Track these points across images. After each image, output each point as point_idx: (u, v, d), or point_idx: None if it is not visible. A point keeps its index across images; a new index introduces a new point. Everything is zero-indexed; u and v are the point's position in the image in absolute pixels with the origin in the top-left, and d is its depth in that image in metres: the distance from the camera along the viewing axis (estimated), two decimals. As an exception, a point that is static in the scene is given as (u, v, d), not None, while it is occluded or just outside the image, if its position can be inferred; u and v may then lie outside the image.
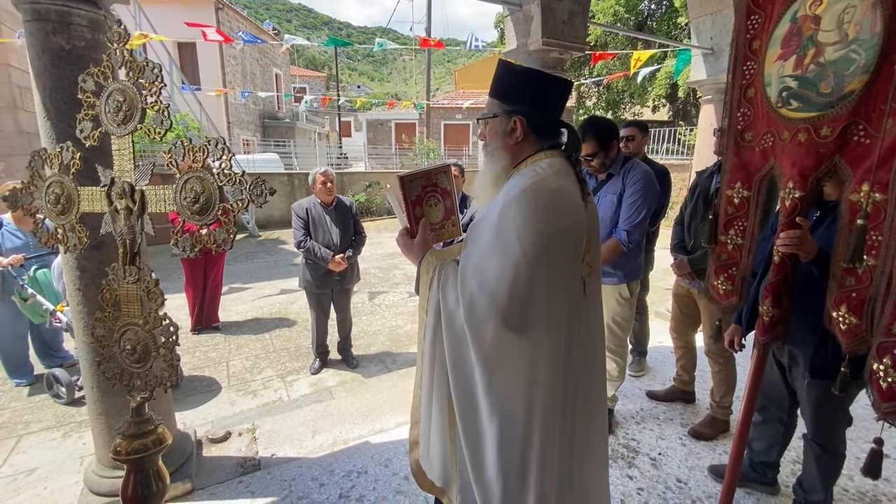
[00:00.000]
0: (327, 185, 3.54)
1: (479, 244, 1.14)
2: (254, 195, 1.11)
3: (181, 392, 3.40)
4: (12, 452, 2.70)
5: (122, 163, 1.32)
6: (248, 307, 5.41)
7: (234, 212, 1.17)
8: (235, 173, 1.14)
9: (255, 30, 20.29)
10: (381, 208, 12.52)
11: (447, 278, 1.20)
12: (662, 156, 12.77)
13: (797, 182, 1.40)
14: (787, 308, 1.55)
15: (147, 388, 1.36)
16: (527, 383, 1.14)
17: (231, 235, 1.19)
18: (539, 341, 1.13)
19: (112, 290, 1.37)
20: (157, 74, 1.22)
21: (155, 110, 1.23)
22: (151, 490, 1.41)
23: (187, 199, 1.20)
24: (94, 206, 1.38)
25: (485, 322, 1.10)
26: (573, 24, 3.23)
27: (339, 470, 2.44)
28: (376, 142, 22.56)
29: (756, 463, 2.23)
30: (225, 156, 1.14)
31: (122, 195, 1.31)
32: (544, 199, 1.09)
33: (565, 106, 1.30)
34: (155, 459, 1.43)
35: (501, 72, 1.26)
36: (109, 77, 1.29)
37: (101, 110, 1.31)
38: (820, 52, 1.31)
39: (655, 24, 16.89)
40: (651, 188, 2.42)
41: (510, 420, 1.15)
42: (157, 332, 1.32)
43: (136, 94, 1.25)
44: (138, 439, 1.38)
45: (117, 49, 1.27)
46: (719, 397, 2.70)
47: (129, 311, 1.35)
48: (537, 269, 1.07)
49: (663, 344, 3.99)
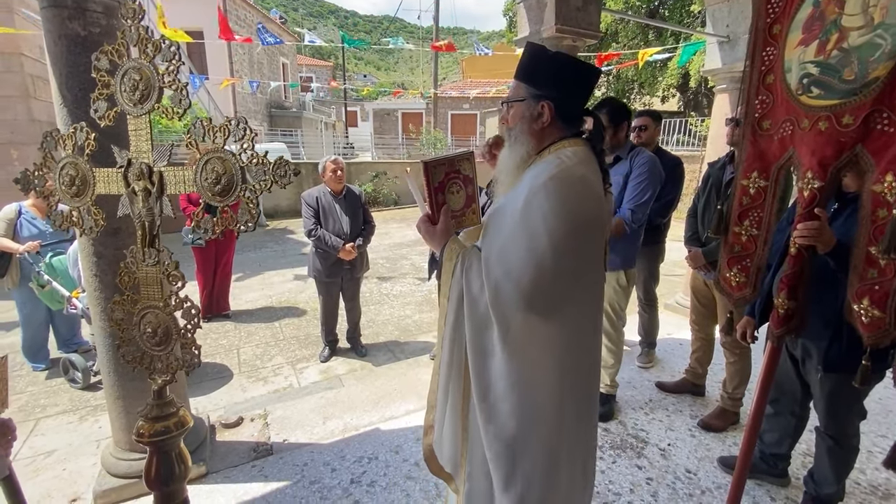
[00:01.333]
0: (337, 174, 3.54)
1: (504, 231, 1.13)
2: (277, 176, 1.10)
3: (194, 378, 3.44)
4: (31, 434, 2.77)
5: (140, 143, 1.29)
6: (257, 295, 5.46)
7: (258, 192, 1.15)
8: (258, 154, 1.12)
9: (262, 19, 20.20)
10: (387, 199, 12.52)
11: (471, 265, 1.19)
12: (673, 147, 12.61)
13: (816, 172, 1.38)
14: (802, 300, 1.53)
15: (168, 371, 1.36)
16: (555, 370, 1.15)
17: (254, 218, 1.17)
18: (566, 326, 1.14)
19: (130, 273, 1.36)
20: (174, 52, 1.19)
21: (173, 89, 1.20)
22: (174, 472, 1.41)
23: (208, 181, 1.18)
24: (111, 188, 1.36)
25: (511, 307, 1.10)
26: (587, 10, 3.18)
27: (350, 456, 2.47)
28: (383, 131, 22.49)
29: (767, 455, 2.23)
30: (247, 135, 1.11)
31: (141, 176, 1.28)
32: (572, 188, 1.08)
33: (592, 94, 1.28)
34: (177, 441, 1.43)
35: (531, 54, 1.23)
36: (124, 55, 1.26)
37: (116, 89, 1.28)
38: (843, 37, 1.27)
39: (667, 12, 16.57)
40: (656, 171, 2.50)
41: (537, 406, 1.16)
42: (178, 314, 1.30)
43: (153, 73, 1.21)
44: (160, 421, 1.38)
45: (132, 26, 1.23)
46: (731, 388, 2.69)
47: (149, 293, 1.34)
48: (564, 257, 1.06)
49: (672, 336, 3.98)
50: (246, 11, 18.58)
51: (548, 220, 1.05)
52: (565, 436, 1.18)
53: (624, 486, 2.24)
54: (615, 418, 2.79)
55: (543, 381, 1.15)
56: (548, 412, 1.16)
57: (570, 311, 1.13)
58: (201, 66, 15.90)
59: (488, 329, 1.16)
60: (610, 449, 2.52)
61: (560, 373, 1.15)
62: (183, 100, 1.19)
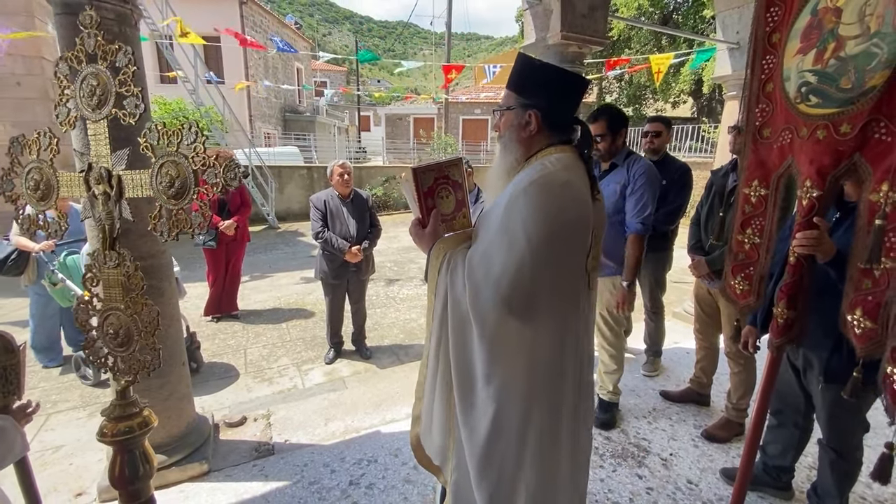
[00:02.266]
0: (344, 178, 3.59)
1: (488, 234, 1.17)
2: (227, 179, 1.11)
3: (200, 377, 3.50)
4: (41, 430, 2.84)
5: (99, 148, 1.31)
6: (266, 297, 5.53)
7: (209, 196, 1.16)
8: (208, 156, 1.14)
9: (277, 24, 20.53)
10: (397, 202, 12.59)
11: (456, 265, 1.23)
12: (685, 153, 12.51)
13: (815, 181, 1.37)
14: (802, 310, 1.52)
15: (131, 372, 1.36)
16: (527, 369, 1.18)
17: (207, 220, 1.19)
18: (542, 329, 1.17)
19: (94, 275, 1.37)
20: (129, 58, 1.20)
21: (129, 95, 1.20)
22: (138, 471, 1.42)
23: (163, 184, 1.20)
24: (73, 192, 1.38)
25: (489, 308, 1.14)
26: (594, 17, 3.19)
27: (349, 457, 2.49)
28: (395, 136, 22.65)
29: (770, 467, 2.20)
30: (199, 139, 1.13)
31: (100, 180, 1.29)
32: (552, 192, 1.11)
33: (581, 103, 1.31)
34: (141, 441, 1.44)
35: (520, 65, 1.27)
36: (83, 61, 1.27)
37: (75, 95, 1.29)
38: (841, 46, 1.27)
39: (681, 18, 16.48)
40: (654, 179, 2.52)
41: (509, 404, 1.19)
42: (138, 316, 1.32)
43: (110, 79, 1.23)
44: (123, 421, 1.40)
45: (90, 33, 1.25)
46: (736, 399, 2.65)
47: (111, 295, 1.35)
48: (542, 260, 1.09)
49: (679, 344, 3.94)
50: (262, 17, 18.90)
51: (527, 224, 1.08)
52: (533, 442, 1.20)
53: (623, 496, 2.22)
54: (617, 426, 2.77)
55: (514, 385, 1.18)
56: (516, 415, 1.19)
57: (548, 317, 1.16)
58: (217, 70, 16.21)
59: (468, 327, 1.20)
60: (610, 457, 2.50)
61: (529, 377, 1.18)
62: (138, 104, 1.20)
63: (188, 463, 2.32)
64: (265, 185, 10.36)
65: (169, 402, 2.31)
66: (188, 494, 2.21)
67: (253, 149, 10.59)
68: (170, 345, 2.30)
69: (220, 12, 16.53)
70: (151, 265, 2.17)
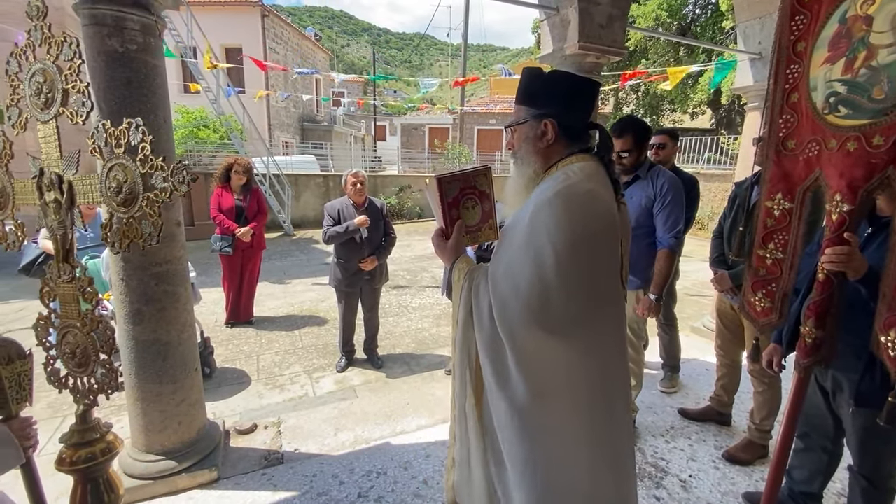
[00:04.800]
0: (357, 186, 3.60)
1: (511, 248, 1.13)
2: (176, 183, 1.03)
3: (213, 383, 3.52)
4: (57, 431, 2.87)
5: (49, 151, 1.20)
6: (280, 303, 5.56)
7: (159, 202, 1.06)
8: (154, 158, 1.05)
9: (298, 36, 20.97)
10: (411, 211, 12.63)
11: (479, 284, 1.18)
12: (703, 165, 12.32)
13: (845, 195, 1.31)
14: (831, 330, 1.45)
15: (90, 395, 1.27)
16: (575, 390, 1.11)
17: (157, 229, 1.08)
18: (579, 348, 1.10)
19: (50, 289, 1.27)
20: (74, 51, 1.10)
21: (75, 92, 1.10)
22: (103, 501, 1.31)
23: (111, 189, 1.10)
24: (28, 200, 1.28)
25: (519, 324, 1.08)
26: (612, 28, 3.17)
27: (359, 469, 2.46)
28: (410, 146, 22.81)
29: (796, 493, 2.10)
30: (145, 139, 1.03)
31: (51, 187, 1.19)
32: (576, 202, 1.07)
33: (595, 107, 1.28)
34: (104, 468, 1.32)
35: (527, 78, 1.25)
36: (31, 57, 1.18)
37: (24, 94, 1.19)
38: (872, 55, 1.22)
39: (699, 29, 16.34)
40: (680, 192, 2.51)
41: (546, 432, 1.12)
42: (95, 334, 1.22)
43: (56, 74, 1.13)
44: (84, 448, 1.28)
45: (37, 25, 1.15)
46: (759, 420, 2.56)
47: (67, 311, 1.25)
48: (569, 271, 1.04)
49: (698, 360, 3.83)
50: (283, 29, 19.34)
51: (552, 235, 1.04)
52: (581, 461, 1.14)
53: (640, 517, 2.14)
54: (634, 445, 2.68)
55: (563, 413, 1.11)
56: (559, 437, 1.12)
57: (584, 332, 1.10)
58: (238, 80, 16.59)
59: (500, 350, 1.13)
60: (626, 476, 2.42)
61: (573, 395, 1.11)
62: (86, 102, 1.10)
63: (198, 469, 2.31)
64: (282, 192, 10.50)
65: (181, 407, 2.32)
66: (197, 501, 2.20)
67: (271, 157, 10.76)
68: (183, 350, 2.31)
69: (243, 24, 16.99)
70: (167, 271, 2.19)
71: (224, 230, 4.45)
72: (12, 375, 1.24)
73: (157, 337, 2.20)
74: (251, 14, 17.17)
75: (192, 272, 2.92)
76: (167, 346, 2.24)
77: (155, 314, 2.18)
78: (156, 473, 2.23)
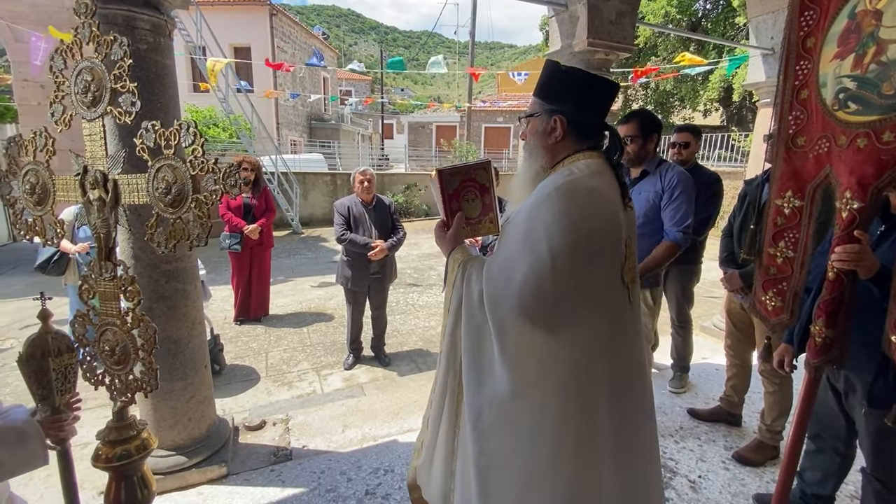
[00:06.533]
0: (365, 185, 3.61)
1: (509, 241, 1.13)
2: (227, 185, 1.03)
3: (222, 379, 3.56)
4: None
5: (94, 149, 1.20)
6: (288, 301, 5.60)
7: (208, 204, 1.06)
8: (207, 161, 1.04)
9: (306, 35, 21.04)
10: (419, 209, 12.64)
11: (471, 275, 1.19)
12: (714, 162, 12.18)
13: (856, 192, 1.29)
14: (842, 329, 1.43)
15: (129, 391, 1.28)
16: (558, 388, 1.10)
17: (205, 231, 1.07)
18: (575, 344, 1.09)
19: (90, 286, 1.27)
20: (125, 50, 1.09)
21: (124, 91, 1.09)
22: (136, 497, 1.32)
23: (159, 190, 1.09)
24: (69, 196, 1.28)
25: (511, 316, 1.08)
26: (621, 24, 3.14)
27: (366, 466, 2.47)
28: (417, 144, 22.85)
29: (808, 495, 2.07)
30: (197, 141, 1.03)
31: (95, 185, 1.19)
32: (577, 198, 1.07)
33: (609, 108, 1.27)
34: (139, 466, 1.33)
35: (547, 71, 1.25)
36: (78, 54, 1.17)
37: (70, 91, 1.19)
38: (882, 50, 1.20)
39: (710, 25, 16.14)
40: (690, 187, 2.45)
41: (542, 429, 1.10)
42: (136, 332, 1.23)
43: (105, 73, 1.13)
44: (120, 445, 1.29)
45: (85, 23, 1.14)
46: (770, 420, 2.53)
47: (108, 309, 1.26)
48: (568, 269, 1.03)
49: (708, 360, 3.80)
50: (291, 28, 19.42)
51: (549, 230, 1.04)
52: (558, 465, 1.11)
53: (647, 517, 2.13)
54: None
55: (544, 407, 1.09)
56: (539, 439, 1.10)
57: (576, 330, 1.08)
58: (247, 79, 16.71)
59: (485, 341, 1.14)
60: (634, 476, 2.41)
61: (563, 398, 1.09)
62: (135, 102, 1.10)
63: (208, 465, 2.34)
64: (290, 190, 10.57)
65: (191, 404, 2.35)
66: (207, 497, 2.23)
67: (279, 155, 10.83)
68: (193, 348, 2.34)
69: (251, 23, 17.07)
70: (177, 268, 2.22)
71: (233, 228, 4.50)
72: (60, 367, 1.25)
73: (168, 334, 2.23)
74: (259, 13, 17.26)
75: (201, 269, 2.96)
76: (178, 343, 2.27)
77: (165, 311, 2.20)
78: (166, 468, 2.26)
